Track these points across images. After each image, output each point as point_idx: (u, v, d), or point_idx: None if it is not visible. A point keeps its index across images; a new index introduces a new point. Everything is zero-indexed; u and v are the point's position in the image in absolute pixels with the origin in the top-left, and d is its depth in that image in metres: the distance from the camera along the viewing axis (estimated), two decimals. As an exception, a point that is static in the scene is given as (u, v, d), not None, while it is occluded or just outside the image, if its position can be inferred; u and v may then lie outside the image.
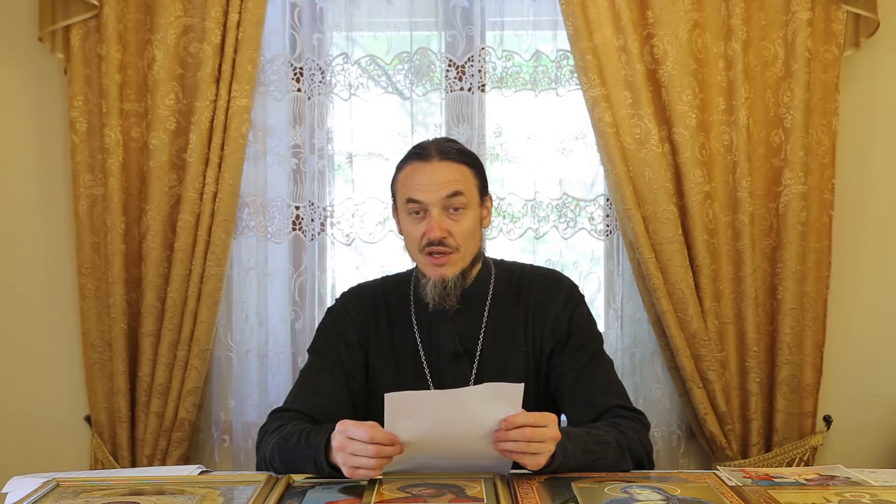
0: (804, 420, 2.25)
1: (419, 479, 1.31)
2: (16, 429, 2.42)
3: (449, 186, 1.53)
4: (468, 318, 1.61)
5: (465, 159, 1.58)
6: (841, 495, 1.26)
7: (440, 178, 1.54)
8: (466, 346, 1.61)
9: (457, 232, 1.54)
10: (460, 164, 1.57)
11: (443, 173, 1.54)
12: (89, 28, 2.25)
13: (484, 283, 1.64)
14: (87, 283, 2.29)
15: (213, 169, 2.20)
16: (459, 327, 1.61)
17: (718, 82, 2.17)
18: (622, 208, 2.18)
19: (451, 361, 1.60)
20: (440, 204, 1.53)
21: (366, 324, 1.64)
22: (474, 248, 1.59)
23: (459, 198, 1.53)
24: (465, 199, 1.54)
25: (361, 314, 1.65)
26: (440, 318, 1.61)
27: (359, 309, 1.66)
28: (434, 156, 1.56)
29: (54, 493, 1.28)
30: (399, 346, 1.63)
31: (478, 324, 1.62)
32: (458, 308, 1.59)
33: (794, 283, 2.19)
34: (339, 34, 2.32)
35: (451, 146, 1.59)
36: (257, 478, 1.33)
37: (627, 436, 1.46)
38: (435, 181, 1.53)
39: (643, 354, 2.33)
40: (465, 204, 1.54)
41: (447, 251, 1.53)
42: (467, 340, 1.61)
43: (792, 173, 2.18)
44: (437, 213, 1.52)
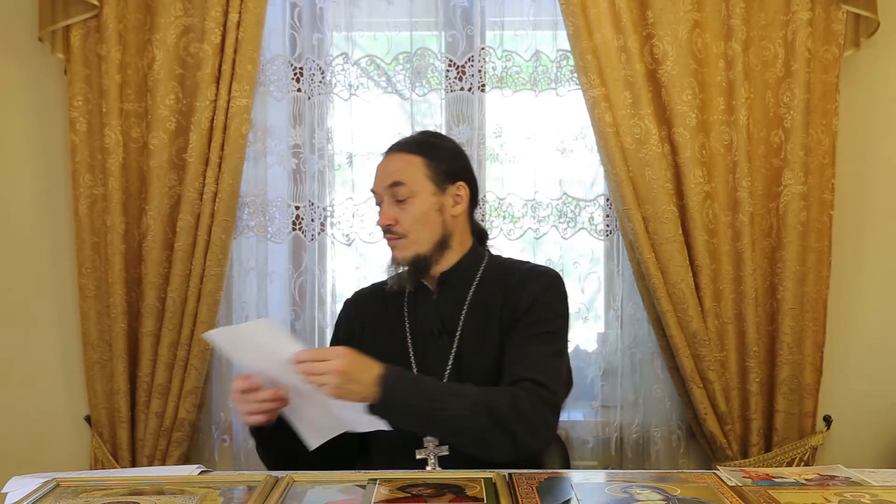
0: (804, 420, 2.25)
1: (419, 479, 1.32)
2: (16, 429, 2.42)
3: (391, 177, 1.64)
4: (451, 300, 1.68)
5: (417, 149, 1.67)
6: (841, 495, 1.26)
7: (386, 169, 1.66)
8: (448, 327, 1.67)
9: (402, 219, 1.63)
10: (410, 155, 1.66)
11: (389, 165, 1.67)
12: (89, 28, 2.25)
13: (470, 270, 1.70)
14: (87, 283, 2.28)
15: (213, 169, 2.20)
16: (442, 309, 1.68)
17: (718, 82, 2.17)
18: (622, 208, 2.18)
19: (434, 340, 1.67)
20: (387, 194, 1.64)
21: (359, 318, 1.77)
22: (430, 235, 1.65)
23: (400, 188, 1.63)
24: (407, 189, 1.63)
25: (360, 308, 1.78)
26: (426, 300, 1.70)
27: (360, 303, 1.80)
28: (391, 150, 1.70)
29: (54, 493, 1.28)
30: (391, 327, 1.72)
31: (460, 306, 1.67)
32: (442, 290, 1.68)
33: (794, 283, 2.19)
34: (339, 34, 2.32)
35: (414, 138, 1.71)
36: (257, 478, 1.33)
37: (500, 400, 1.45)
38: (382, 173, 1.67)
39: (643, 354, 2.33)
40: (409, 193, 1.63)
41: (395, 237, 1.64)
42: (449, 321, 1.67)
43: (792, 173, 2.18)
44: (386, 202, 1.65)
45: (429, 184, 1.64)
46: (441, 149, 1.69)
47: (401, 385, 1.44)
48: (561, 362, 1.60)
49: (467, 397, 1.46)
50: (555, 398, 1.52)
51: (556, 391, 1.53)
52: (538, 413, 1.48)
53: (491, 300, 1.66)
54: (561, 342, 1.62)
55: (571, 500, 1.23)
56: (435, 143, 1.71)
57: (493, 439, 1.44)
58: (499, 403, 1.45)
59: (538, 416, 1.48)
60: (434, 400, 1.44)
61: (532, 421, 1.46)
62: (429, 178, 1.65)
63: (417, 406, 1.43)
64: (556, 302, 1.64)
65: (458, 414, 1.44)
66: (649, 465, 2.32)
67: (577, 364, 2.37)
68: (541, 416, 1.48)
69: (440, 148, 1.69)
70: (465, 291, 1.68)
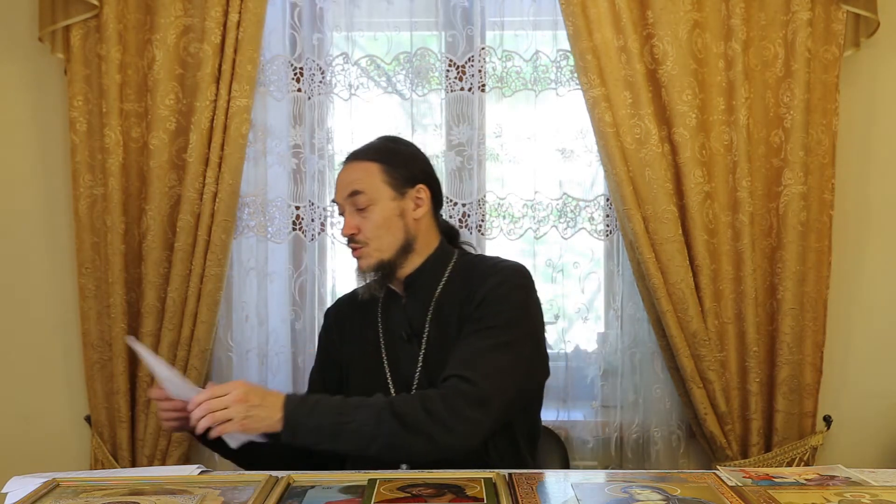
0: (804, 420, 2.25)
1: (419, 479, 1.32)
2: (16, 429, 2.42)
3: (349, 187, 1.65)
4: (418, 303, 1.69)
5: (374, 156, 1.67)
6: (841, 495, 1.26)
7: (344, 179, 1.67)
8: (416, 330, 1.68)
9: (364, 227, 1.64)
10: (367, 163, 1.66)
11: (346, 175, 1.68)
12: (89, 28, 2.25)
13: (436, 271, 1.70)
14: (87, 283, 2.28)
15: (213, 169, 2.20)
16: (409, 312, 1.69)
17: (718, 82, 2.17)
18: (622, 208, 2.18)
19: (403, 344, 1.68)
20: (347, 203, 1.66)
21: (338, 327, 1.81)
22: (393, 241, 1.65)
23: (359, 196, 1.64)
24: (366, 197, 1.64)
25: (339, 316, 1.82)
26: (395, 304, 1.72)
27: (339, 312, 1.84)
28: (348, 160, 1.71)
29: (54, 493, 1.28)
30: (365, 332, 1.75)
31: (426, 307, 1.68)
32: (410, 294, 1.70)
33: (794, 283, 2.19)
34: (339, 34, 2.32)
35: (370, 146, 1.71)
36: (257, 478, 1.33)
37: (408, 404, 1.46)
38: (341, 183, 1.68)
39: (643, 354, 2.33)
40: (368, 201, 1.64)
41: (358, 246, 1.66)
42: (416, 324, 1.68)
43: (792, 173, 2.18)
44: (347, 212, 1.66)
45: (388, 190, 1.65)
46: (398, 154, 1.69)
47: (304, 406, 1.45)
48: (503, 356, 1.53)
49: (373, 406, 1.46)
50: (478, 391, 1.47)
51: (480, 384, 1.48)
52: (454, 410, 1.45)
53: (454, 300, 1.65)
54: (507, 335, 1.55)
55: (571, 500, 1.23)
56: (392, 148, 1.71)
57: (407, 443, 1.44)
58: (407, 408, 1.45)
59: (454, 413, 1.45)
60: (339, 414, 1.45)
61: (446, 419, 1.44)
62: (387, 184, 1.65)
63: (323, 422, 1.44)
64: (509, 295, 1.60)
65: (365, 423, 1.44)
66: (649, 465, 2.32)
67: (577, 364, 2.37)
68: (457, 412, 1.45)
69: (398, 153, 1.69)
70: (431, 293, 1.68)
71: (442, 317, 1.66)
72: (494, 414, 1.50)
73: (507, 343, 1.55)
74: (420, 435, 1.44)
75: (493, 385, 1.49)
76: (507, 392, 1.52)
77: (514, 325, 1.57)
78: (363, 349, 1.74)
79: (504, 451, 1.64)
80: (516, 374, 1.55)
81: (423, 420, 1.44)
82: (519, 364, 1.56)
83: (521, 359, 1.57)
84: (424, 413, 1.44)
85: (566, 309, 2.35)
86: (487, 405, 1.48)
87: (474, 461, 1.53)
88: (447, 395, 1.47)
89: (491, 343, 1.54)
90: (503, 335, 1.55)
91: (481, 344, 1.54)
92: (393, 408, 1.45)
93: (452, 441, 1.46)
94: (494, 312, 1.57)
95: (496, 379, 1.50)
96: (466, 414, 1.46)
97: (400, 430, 1.43)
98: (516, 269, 1.66)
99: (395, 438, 1.43)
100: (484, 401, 1.48)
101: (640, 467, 2.32)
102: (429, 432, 1.44)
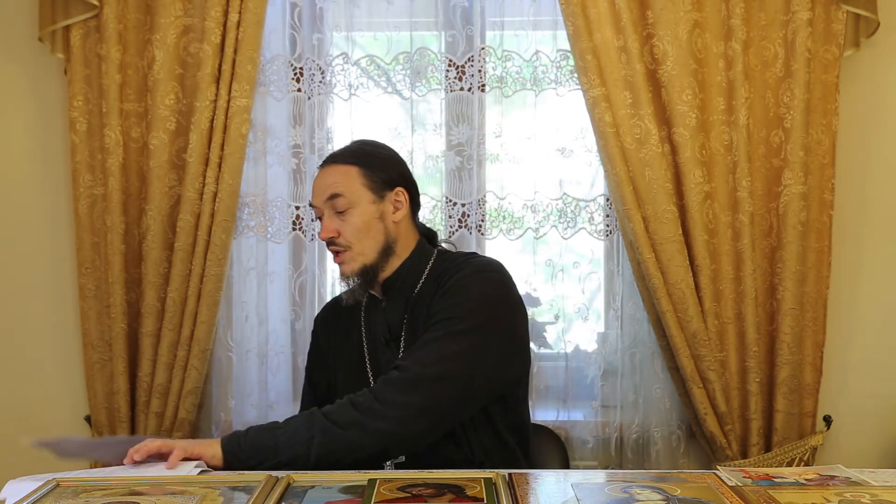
0: (804, 420, 2.25)
1: (419, 479, 1.32)
2: (16, 429, 2.42)
3: (328, 190, 1.65)
4: (397, 306, 1.70)
5: (352, 160, 1.67)
6: (841, 495, 1.25)
7: (323, 183, 1.67)
8: (395, 333, 1.69)
9: (344, 231, 1.65)
10: (346, 166, 1.67)
11: (325, 178, 1.67)
12: (89, 28, 2.25)
13: (414, 272, 1.70)
14: (87, 283, 2.28)
15: (213, 169, 2.20)
16: (389, 315, 1.70)
17: (718, 82, 2.17)
18: (622, 208, 2.18)
19: (384, 347, 1.70)
20: (326, 207, 1.66)
21: (325, 332, 1.83)
22: (374, 244, 1.66)
23: (339, 199, 1.65)
24: (346, 200, 1.64)
25: (326, 323, 1.85)
26: (376, 307, 1.74)
27: (326, 318, 1.87)
28: (326, 163, 1.71)
29: (54, 494, 1.27)
30: (351, 338, 1.77)
31: (404, 310, 1.68)
32: (388, 297, 1.71)
33: (794, 283, 2.19)
34: (339, 34, 2.32)
35: (346, 149, 1.71)
36: (257, 478, 1.33)
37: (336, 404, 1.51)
38: (319, 187, 1.67)
39: (643, 354, 2.33)
40: (348, 204, 1.64)
41: (339, 249, 1.66)
42: (395, 327, 1.69)
43: (792, 173, 2.18)
44: (326, 215, 1.66)
45: (367, 193, 1.66)
46: (376, 157, 1.70)
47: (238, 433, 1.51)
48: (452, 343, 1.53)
49: (303, 414, 1.53)
50: (406, 374, 1.50)
51: (410, 369, 1.51)
52: (379, 395, 1.49)
53: (427, 302, 1.65)
54: (463, 324, 1.55)
55: (571, 500, 1.23)
56: (370, 151, 1.72)
57: (343, 438, 1.46)
58: (335, 407, 1.50)
59: (381, 400, 1.49)
60: (274, 428, 1.50)
61: (371, 405, 1.48)
62: (366, 188, 1.66)
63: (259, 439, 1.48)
64: (469, 286, 1.60)
65: (296, 428, 1.48)
66: (649, 465, 2.32)
67: (577, 364, 2.37)
68: (381, 397, 1.49)
69: (375, 156, 1.70)
70: (409, 294, 1.69)
71: (416, 317, 1.66)
72: (433, 398, 1.50)
73: (461, 332, 1.55)
74: (352, 427, 1.47)
75: (427, 371, 1.51)
76: (454, 378, 1.52)
77: (470, 316, 1.57)
78: (348, 354, 1.76)
79: (487, 444, 1.64)
80: (469, 360, 1.54)
81: (350, 413, 1.48)
82: (474, 351, 1.55)
83: (477, 346, 1.56)
84: (350, 407, 1.49)
85: (566, 309, 2.35)
86: (419, 388, 1.50)
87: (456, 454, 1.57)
88: (374, 387, 1.52)
89: (441, 333, 1.55)
90: (458, 324, 1.56)
91: (429, 335, 1.56)
92: (322, 410, 1.50)
93: (385, 426, 1.47)
94: (453, 304, 1.58)
95: (435, 365, 1.52)
96: (394, 398, 1.48)
97: (331, 426, 1.47)
98: (484, 262, 1.68)
99: (329, 435, 1.46)
100: (414, 384, 1.50)
101: (640, 467, 2.32)
102: (359, 421, 1.47)
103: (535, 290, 2.33)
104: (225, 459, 1.48)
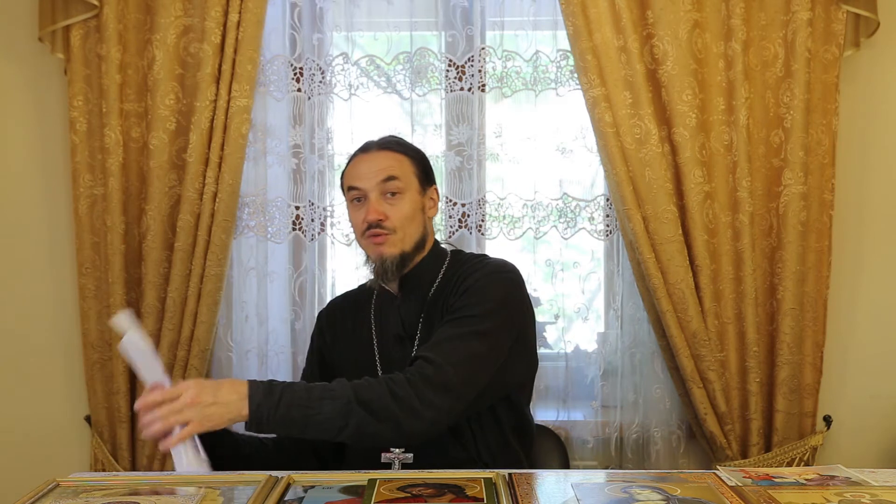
0: (804, 420, 2.25)
1: (419, 479, 1.32)
2: (16, 429, 2.42)
3: (385, 171, 1.65)
4: (413, 303, 1.70)
5: (403, 149, 1.70)
6: (841, 495, 1.25)
7: (377, 165, 1.66)
8: (409, 330, 1.69)
9: (393, 215, 1.64)
10: (398, 154, 1.68)
11: (379, 161, 1.67)
12: (89, 28, 2.25)
13: (431, 271, 1.71)
14: (87, 283, 2.28)
15: (213, 169, 2.20)
16: (404, 312, 1.70)
17: (718, 82, 2.17)
18: (622, 208, 2.18)
19: (396, 344, 1.69)
20: (377, 189, 1.64)
21: (332, 328, 1.81)
22: (415, 233, 1.67)
23: (394, 182, 1.65)
24: (401, 183, 1.65)
25: (330, 320, 1.83)
26: (390, 304, 1.73)
27: (330, 315, 1.84)
28: (374, 147, 1.70)
29: (54, 493, 1.28)
30: (358, 333, 1.76)
31: (420, 308, 1.68)
32: (404, 294, 1.70)
33: (794, 283, 2.19)
34: (339, 34, 2.32)
35: (392, 139, 1.73)
36: (257, 478, 1.33)
37: (375, 390, 1.45)
38: (372, 168, 1.66)
39: (643, 354, 2.33)
40: (401, 188, 1.65)
41: (384, 232, 1.64)
42: (410, 325, 1.69)
43: (792, 173, 2.18)
44: (374, 197, 1.64)
45: (416, 183, 1.69)
46: (419, 152, 1.74)
47: (269, 399, 1.41)
48: (475, 344, 1.53)
49: (341, 396, 1.44)
50: (442, 375, 1.48)
51: (444, 368, 1.48)
52: (419, 393, 1.46)
53: (445, 301, 1.66)
54: (482, 325, 1.55)
55: (571, 500, 1.23)
56: (412, 146, 1.76)
57: (376, 429, 1.44)
58: (373, 394, 1.45)
59: (420, 397, 1.45)
60: (307, 406, 1.43)
61: (412, 403, 1.45)
62: (416, 177, 1.69)
63: (291, 415, 1.42)
64: (487, 287, 1.61)
65: (333, 415, 1.43)
66: (649, 465, 2.32)
67: (577, 364, 2.37)
68: (422, 396, 1.46)
69: (418, 151, 1.75)
70: (426, 293, 1.69)
71: (433, 318, 1.67)
72: (460, 400, 1.50)
73: (481, 333, 1.55)
74: (388, 421, 1.44)
75: (459, 372, 1.50)
76: (477, 381, 1.53)
77: (491, 317, 1.57)
78: (357, 349, 1.75)
79: (493, 446, 1.65)
80: (487, 363, 1.55)
81: (390, 406, 1.44)
82: (491, 354, 1.56)
83: (494, 350, 1.57)
84: (391, 398, 1.45)
85: (566, 309, 2.35)
86: (452, 391, 1.49)
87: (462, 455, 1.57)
88: (413, 380, 1.47)
89: (464, 331, 1.55)
90: (478, 325, 1.56)
91: (453, 331, 1.55)
92: (359, 396, 1.44)
93: (419, 427, 1.46)
94: (472, 303, 1.59)
95: (464, 366, 1.51)
96: (430, 398, 1.46)
97: (369, 417, 1.43)
98: (500, 264, 1.69)
99: (365, 427, 1.44)
100: (449, 386, 1.48)
101: (640, 467, 2.32)
102: (396, 419, 1.45)
103: (536, 289, 2.34)
104: (248, 425, 1.43)
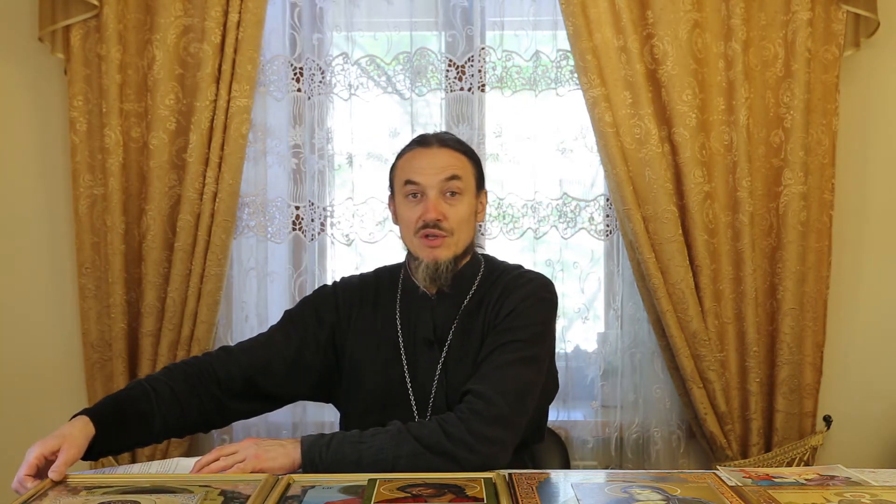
0: (804, 420, 2.25)
1: (419, 479, 1.32)
2: (16, 429, 2.42)
3: (448, 170, 1.58)
4: (447, 307, 1.64)
5: (463, 149, 1.64)
6: (841, 495, 1.26)
7: (439, 162, 1.59)
8: (439, 335, 1.63)
9: (452, 216, 1.57)
10: (459, 154, 1.62)
11: (442, 158, 1.59)
12: (89, 28, 2.25)
13: (470, 276, 1.66)
14: (87, 283, 2.28)
15: (213, 169, 2.20)
16: (437, 315, 1.64)
17: (718, 82, 2.17)
18: (622, 208, 2.18)
19: (425, 347, 1.63)
20: (438, 187, 1.57)
21: (348, 309, 1.68)
22: (467, 238, 1.62)
23: (457, 182, 1.58)
24: (462, 184, 1.58)
25: (347, 299, 1.69)
26: (422, 305, 1.64)
27: (347, 293, 1.70)
28: (434, 143, 1.62)
29: (54, 492, 1.27)
30: (381, 330, 1.66)
31: (454, 313, 1.63)
32: (439, 297, 1.63)
33: (794, 283, 2.19)
34: (338, 34, 2.32)
35: (451, 136, 1.66)
36: (257, 477, 1.33)
37: (426, 427, 1.42)
38: (434, 165, 1.58)
39: (643, 354, 2.33)
40: (462, 189, 1.59)
41: (441, 234, 1.57)
42: (441, 329, 1.63)
43: (792, 173, 2.18)
44: (434, 195, 1.57)
45: (474, 185, 1.63)
46: (475, 154, 1.68)
47: (320, 440, 1.41)
48: (526, 371, 1.51)
49: (389, 431, 1.42)
50: (494, 409, 1.43)
51: (496, 402, 1.44)
52: (472, 429, 1.41)
53: (480, 309, 1.62)
54: (531, 350, 1.53)
55: (571, 500, 1.23)
56: (470, 147, 1.68)
57: (432, 462, 1.39)
58: (425, 430, 1.41)
59: (473, 433, 1.41)
60: (358, 441, 1.41)
61: (465, 438, 1.40)
62: (475, 180, 1.63)
63: (343, 450, 1.40)
64: (533, 310, 1.57)
65: (385, 445, 1.39)
66: (649, 465, 2.32)
67: (577, 364, 2.37)
68: (474, 431, 1.41)
69: (475, 153, 1.68)
70: (462, 299, 1.64)
71: (467, 325, 1.62)
72: (513, 430, 1.47)
73: (531, 358, 1.53)
74: (444, 456, 1.39)
75: (509, 401, 1.45)
76: (526, 408, 1.51)
77: (538, 341, 1.55)
78: (380, 347, 1.65)
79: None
80: (535, 389, 1.54)
81: (442, 441, 1.40)
82: (538, 379, 1.55)
83: (540, 374, 1.56)
84: (443, 435, 1.40)
85: (566, 309, 2.35)
86: (505, 423, 1.45)
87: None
88: (464, 416, 1.43)
89: (512, 357, 1.51)
90: (525, 350, 1.52)
91: (503, 358, 1.51)
92: (411, 431, 1.41)
93: (474, 459, 1.40)
94: (518, 326, 1.54)
95: (514, 395, 1.47)
96: (484, 432, 1.42)
97: (422, 451, 1.39)
98: (543, 283, 1.63)
99: (418, 458, 1.39)
100: (500, 418, 1.44)
101: (640, 467, 2.33)
102: (452, 454, 1.40)
103: (535, 290, 2.33)
104: (304, 468, 1.41)
